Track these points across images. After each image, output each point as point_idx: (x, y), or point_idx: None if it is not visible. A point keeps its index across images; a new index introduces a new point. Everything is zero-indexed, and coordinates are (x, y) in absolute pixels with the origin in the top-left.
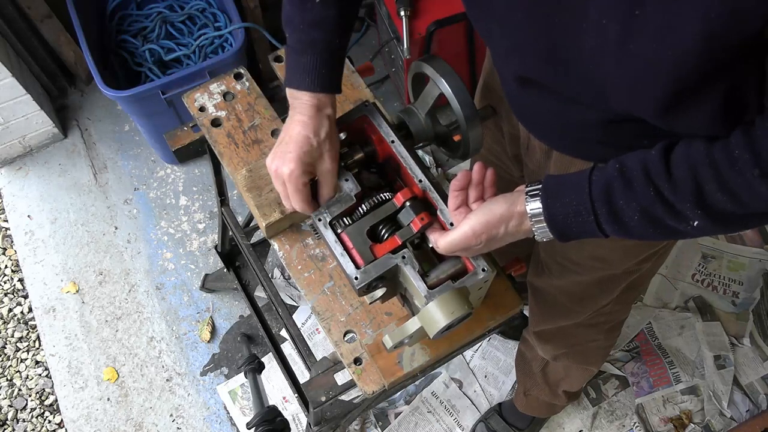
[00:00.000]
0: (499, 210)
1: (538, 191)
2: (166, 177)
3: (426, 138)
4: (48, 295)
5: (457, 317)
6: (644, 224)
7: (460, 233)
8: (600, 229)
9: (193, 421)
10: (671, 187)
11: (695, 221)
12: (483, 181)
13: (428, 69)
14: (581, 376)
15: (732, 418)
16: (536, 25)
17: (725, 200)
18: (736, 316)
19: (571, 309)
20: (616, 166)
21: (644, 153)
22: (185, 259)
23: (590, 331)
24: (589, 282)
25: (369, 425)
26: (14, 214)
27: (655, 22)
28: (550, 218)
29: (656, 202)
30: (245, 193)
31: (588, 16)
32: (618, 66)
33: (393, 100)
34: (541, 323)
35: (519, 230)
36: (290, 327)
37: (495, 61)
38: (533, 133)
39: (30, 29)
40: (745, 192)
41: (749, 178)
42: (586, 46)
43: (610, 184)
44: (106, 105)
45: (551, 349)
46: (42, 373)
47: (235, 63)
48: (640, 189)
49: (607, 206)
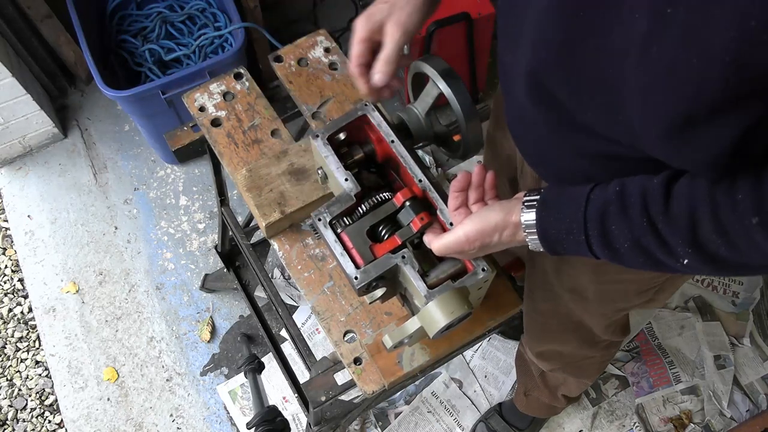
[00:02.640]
0: (494, 219)
1: (535, 202)
2: (166, 177)
3: (426, 138)
4: (48, 295)
5: (457, 317)
6: (635, 253)
7: (454, 238)
8: (591, 250)
9: (193, 421)
10: (666, 220)
11: (685, 259)
12: (483, 183)
13: (428, 69)
14: (579, 385)
15: (732, 418)
16: (559, 15)
17: (719, 243)
18: (736, 316)
19: (561, 336)
20: (617, 189)
21: (647, 180)
22: (185, 259)
23: (586, 350)
24: (572, 313)
25: (369, 425)
26: (14, 214)
27: (686, 22)
28: (543, 232)
29: (648, 233)
30: (245, 193)
31: (621, 12)
32: (635, 72)
33: (393, 100)
34: (535, 344)
35: (513, 239)
36: (290, 327)
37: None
38: (527, 159)
39: (30, 29)
40: (742, 239)
41: (747, 225)
42: (609, 45)
43: (606, 207)
44: (106, 105)
45: (546, 364)
46: (42, 373)
47: (235, 63)
48: (634, 217)
49: (599, 228)
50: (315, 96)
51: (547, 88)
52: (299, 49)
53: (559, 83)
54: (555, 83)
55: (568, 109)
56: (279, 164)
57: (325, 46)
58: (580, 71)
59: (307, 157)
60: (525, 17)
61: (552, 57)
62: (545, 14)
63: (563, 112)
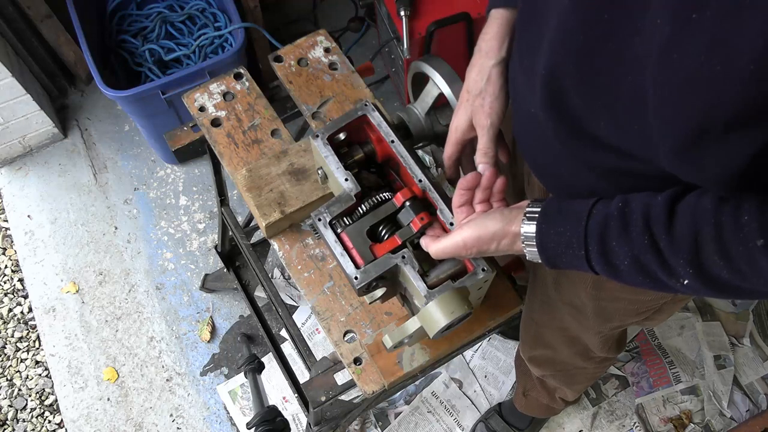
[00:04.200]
0: (493, 227)
1: (536, 214)
2: (166, 177)
3: (426, 138)
4: (48, 295)
5: (457, 317)
6: (634, 271)
7: (452, 243)
8: (590, 265)
9: (193, 421)
10: (668, 239)
11: (685, 280)
12: (492, 187)
13: (428, 69)
14: (572, 392)
15: (732, 418)
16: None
17: (721, 265)
18: (736, 316)
19: (554, 346)
20: (619, 205)
21: (650, 197)
22: (185, 259)
23: (578, 361)
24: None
25: (369, 425)
26: (14, 214)
27: (712, 30)
28: (542, 245)
29: (649, 252)
30: (245, 193)
31: (644, 17)
32: (654, 80)
33: (393, 100)
34: (527, 347)
35: (511, 249)
36: (290, 327)
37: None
38: (534, 171)
39: (30, 29)
40: (745, 262)
41: (752, 247)
42: (629, 51)
43: (607, 222)
44: (106, 105)
45: (537, 369)
46: (42, 373)
47: (235, 63)
48: (635, 234)
49: (599, 244)
50: (315, 96)
51: (561, 92)
52: (299, 49)
53: (575, 86)
54: (570, 85)
55: (581, 116)
56: (279, 164)
57: (325, 46)
58: (596, 76)
59: (307, 157)
60: (546, 22)
61: (570, 59)
62: (566, 16)
63: (575, 120)
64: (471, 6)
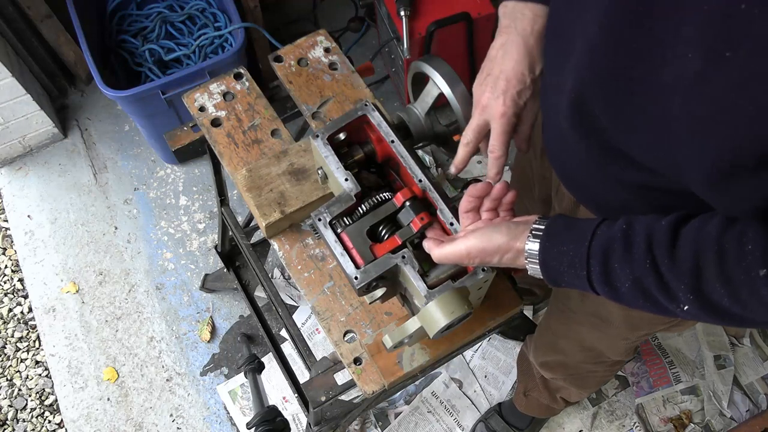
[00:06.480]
0: (498, 241)
1: (541, 232)
2: (166, 177)
3: (426, 138)
4: (48, 295)
5: (457, 317)
6: (635, 294)
7: (455, 250)
8: (591, 285)
9: (193, 421)
10: (670, 264)
11: (686, 305)
12: (502, 198)
13: (428, 69)
14: (578, 394)
15: (732, 418)
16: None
17: (722, 293)
18: None
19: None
20: (623, 227)
21: (654, 220)
22: (185, 259)
23: (590, 366)
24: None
25: (369, 425)
26: (14, 214)
27: (745, 68)
28: (544, 263)
29: (650, 275)
30: (245, 193)
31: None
32: (682, 110)
33: (393, 100)
34: (540, 354)
35: (513, 263)
36: (290, 327)
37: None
38: (564, 182)
39: (30, 29)
40: (746, 290)
41: (754, 276)
42: (657, 80)
43: (611, 244)
44: (106, 105)
45: (548, 373)
46: (42, 373)
47: (235, 63)
48: (637, 256)
49: (601, 265)
50: (315, 96)
51: (589, 113)
52: (299, 49)
53: (603, 109)
54: (598, 108)
55: (610, 137)
56: (279, 164)
57: (325, 46)
58: (623, 102)
59: (307, 157)
60: (571, 41)
61: (597, 83)
62: (594, 40)
63: (605, 140)
64: (471, 6)
